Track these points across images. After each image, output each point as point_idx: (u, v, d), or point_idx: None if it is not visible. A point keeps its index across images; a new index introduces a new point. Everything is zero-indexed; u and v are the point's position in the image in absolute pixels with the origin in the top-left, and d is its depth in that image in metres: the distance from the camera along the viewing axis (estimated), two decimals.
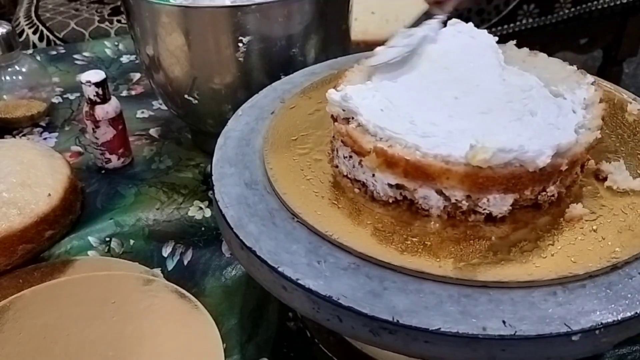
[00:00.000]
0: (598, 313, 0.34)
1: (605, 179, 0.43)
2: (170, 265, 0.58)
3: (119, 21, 1.21)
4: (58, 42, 1.17)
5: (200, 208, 0.63)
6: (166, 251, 0.59)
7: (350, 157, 0.42)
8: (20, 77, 0.77)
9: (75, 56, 0.94)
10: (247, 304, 0.54)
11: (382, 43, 0.51)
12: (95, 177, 0.68)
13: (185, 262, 0.58)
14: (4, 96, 0.76)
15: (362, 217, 0.41)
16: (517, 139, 0.38)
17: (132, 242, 0.59)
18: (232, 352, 0.50)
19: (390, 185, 0.40)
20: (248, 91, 0.56)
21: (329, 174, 0.44)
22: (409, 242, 0.38)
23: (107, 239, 0.59)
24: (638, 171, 0.43)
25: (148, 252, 0.59)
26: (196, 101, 0.63)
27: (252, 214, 0.41)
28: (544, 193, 0.40)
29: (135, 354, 0.47)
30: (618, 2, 1.54)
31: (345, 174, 0.43)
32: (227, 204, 0.42)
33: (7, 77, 0.76)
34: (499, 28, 1.48)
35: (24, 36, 1.18)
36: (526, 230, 0.39)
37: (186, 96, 0.63)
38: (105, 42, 0.97)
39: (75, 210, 0.62)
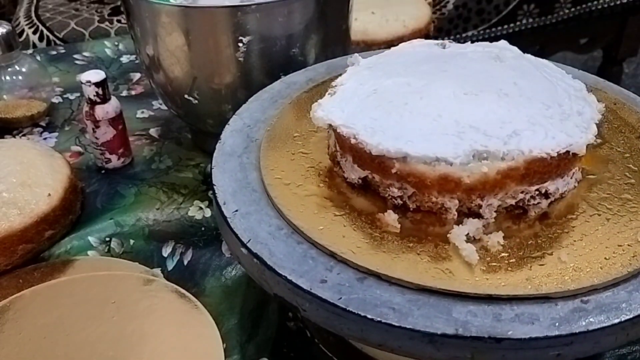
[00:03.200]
0: None
1: None
2: (170, 265, 0.58)
3: (119, 21, 1.21)
4: (58, 42, 1.17)
5: (200, 208, 0.63)
6: (166, 251, 0.59)
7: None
8: (20, 77, 0.77)
9: (75, 56, 0.94)
10: (247, 304, 0.54)
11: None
12: (95, 177, 0.68)
13: (185, 262, 0.58)
14: (4, 96, 0.76)
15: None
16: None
17: (132, 242, 0.59)
18: (232, 352, 0.50)
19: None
20: (248, 91, 0.56)
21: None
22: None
23: (107, 239, 0.59)
24: None
25: (148, 252, 0.59)
26: (196, 101, 0.63)
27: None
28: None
29: (135, 354, 0.47)
30: (618, 2, 1.54)
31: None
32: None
33: (7, 77, 0.76)
34: (499, 28, 1.48)
35: (24, 36, 1.18)
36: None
37: (186, 96, 0.63)
38: (105, 42, 0.97)
39: (75, 210, 0.62)
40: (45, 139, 0.76)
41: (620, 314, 0.34)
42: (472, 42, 0.51)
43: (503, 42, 0.49)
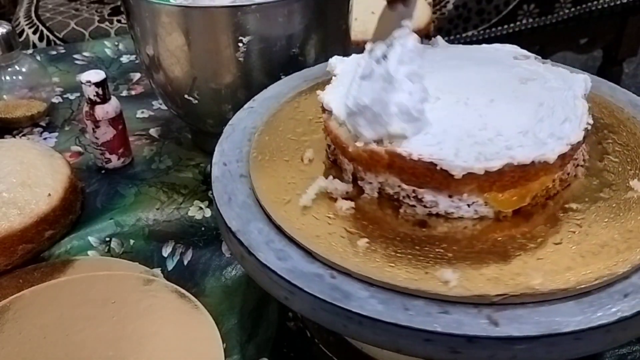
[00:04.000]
0: None
1: None
2: (170, 265, 0.58)
3: (119, 21, 1.21)
4: (58, 42, 1.17)
5: (200, 208, 0.63)
6: (166, 251, 0.59)
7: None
8: (20, 77, 0.77)
9: (75, 56, 0.94)
10: (247, 304, 0.54)
11: None
12: (95, 177, 0.68)
13: (185, 262, 0.58)
14: (4, 96, 0.76)
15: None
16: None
17: (132, 242, 0.59)
18: (232, 352, 0.50)
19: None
20: (248, 91, 0.56)
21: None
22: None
23: (107, 239, 0.59)
24: None
25: (148, 252, 0.59)
26: (196, 101, 0.63)
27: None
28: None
29: (135, 354, 0.47)
30: (618, 2, 1.54)
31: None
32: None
33: (7, 77, 0.76)
34: (499, 28, 1.48)
35: (24, 36, 1.18)
36: None
37: (186, 96, 0.63)
38: (105, 42, 0.97)
39: (75, 210, 0.62)
40: (45, 139, 0.76)
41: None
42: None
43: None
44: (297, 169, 0.45)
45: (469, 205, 0.39)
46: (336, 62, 0.49)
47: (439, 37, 0.52)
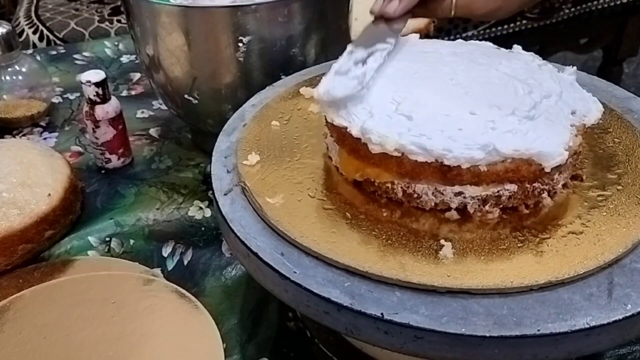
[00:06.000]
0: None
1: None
2: (170, 265, 0.58)
3: (119, 21, 1.21)
4: (58, 42, 1.17)
5: (200, 208, 0.63)
6: (166, 251, 0.59)
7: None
8: (20, 77, 0.77)
9: (75, 56, 0.94)
10: (247, 304, 0.54)
11: None
12: (95, 177, 0.68)
13: (185, 262, 0.58)
14: (4, 96, 0.76)
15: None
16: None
17: (132, 242, 0.59)
18: (232, 352, 0.50)
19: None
20: (248, 91, 0.56)
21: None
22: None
23: (107, 239, 0.59)
24: None
25: (148, 252, 0.59)
26: (196, 101, 0.63)
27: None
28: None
29: (135, 354, 0.47)
30: (618, 2, 1.54)
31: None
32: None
33: (7, 77, 0.76)
34: (499, 28, 1.48)
35: (24, 36, 1.18)
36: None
37: (186, 96, 0.63)
38: (105, 42, 0.97)
39: (75, 210, 0.62)
40: (45, 139, 0.76)
41: None
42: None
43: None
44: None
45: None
46: None
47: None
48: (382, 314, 0.34)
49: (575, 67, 0.47)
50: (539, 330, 0.33)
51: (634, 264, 0.36)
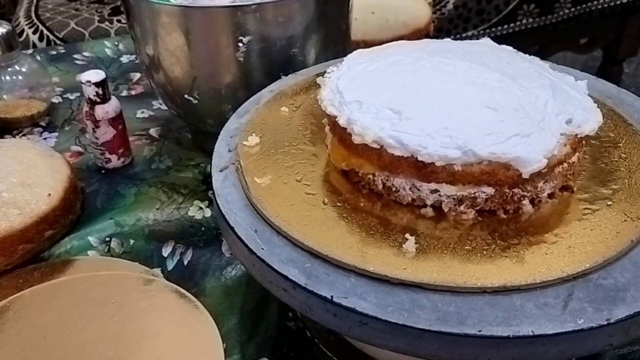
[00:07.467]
0: None
1: None
2: (170, 265, 0.58)
3: (119, 21, 1.21)
4: (58, 42, 1.17)
5: (200, 208, 0.63)
6: (166, 251, 0.59)
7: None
8: (20, 77, 0.77)
9: (75, 56, 0.94)
10: (247, 304, 0.54)
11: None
12: (95, 177, 0.68)
13: (185, 262, 0.58)
14: (4, 96, 0.76)
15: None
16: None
17: (132, 242, 0.59)
18: (232, 352, 0.50)
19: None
20: (248, 91, 0.56)
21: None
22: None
23: (107, 239, 0.59)
24: None
25: (148, 252, 0.59)
26: (196, 101, 0.63)
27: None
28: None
29: (135, 354, 0.47)
30: (618, 2, 1.54)
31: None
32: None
33: (7, 77, 0.76)
34: (499, 28, 1.48)
35: (24, 36, 1.18)
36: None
37: (186, 96, 0.63)
38: (105, 42, 0.97)
39: (75, 210, 0.62)
40: (45, 139, 0.76)
41: None
42: None
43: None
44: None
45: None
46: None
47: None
48: (332, 296, 0.35)
49: (585, 81, 0.46)
50: (479, 331, 0.33)
51: (600, 280, 0.35)
